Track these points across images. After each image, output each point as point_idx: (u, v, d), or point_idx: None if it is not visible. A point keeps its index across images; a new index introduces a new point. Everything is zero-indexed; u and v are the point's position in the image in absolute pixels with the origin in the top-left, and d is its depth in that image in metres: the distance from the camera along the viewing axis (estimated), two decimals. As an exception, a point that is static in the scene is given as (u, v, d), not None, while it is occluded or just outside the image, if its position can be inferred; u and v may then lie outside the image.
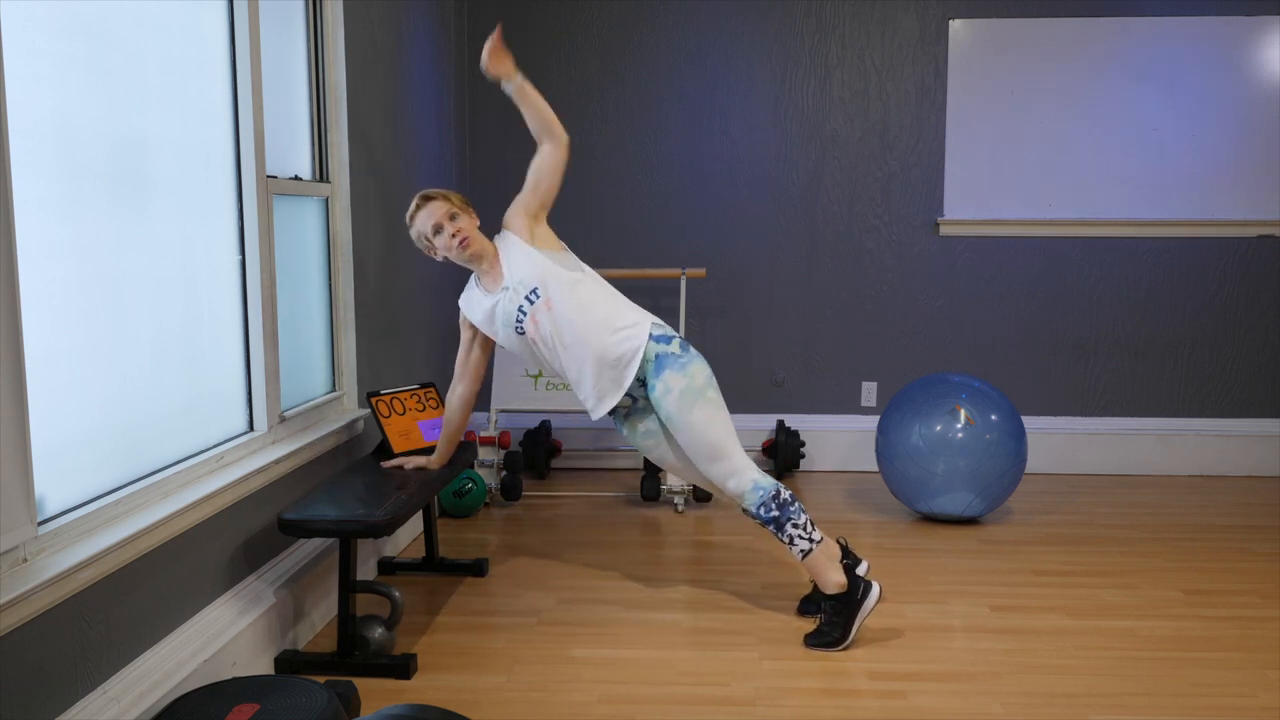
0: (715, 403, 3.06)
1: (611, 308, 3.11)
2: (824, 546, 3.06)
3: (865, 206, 5.06)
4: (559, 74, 5.05)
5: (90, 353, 2.28)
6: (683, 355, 3.07)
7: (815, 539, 3.04)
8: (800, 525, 3.03)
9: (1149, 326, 5.06)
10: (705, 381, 3.06)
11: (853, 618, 3.01)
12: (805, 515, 3.05)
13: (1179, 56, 4.87)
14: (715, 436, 3.05)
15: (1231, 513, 4.43)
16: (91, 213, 2.27)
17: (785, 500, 3.04)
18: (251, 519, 2.89)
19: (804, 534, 3.03)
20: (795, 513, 3.03)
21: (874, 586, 3.03)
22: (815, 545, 3.04)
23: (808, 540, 3.03)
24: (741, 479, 3.06)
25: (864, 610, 3.01)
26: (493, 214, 5.15)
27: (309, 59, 3.43)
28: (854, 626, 3.00)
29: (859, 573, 3.22)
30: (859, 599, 3.01)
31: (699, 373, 3.05)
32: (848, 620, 3.01)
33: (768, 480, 3.06)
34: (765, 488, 3.04)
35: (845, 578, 3.03)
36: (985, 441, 4.05)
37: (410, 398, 3.51)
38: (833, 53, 4.99)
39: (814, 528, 3.06)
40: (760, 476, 3.07)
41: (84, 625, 2.13)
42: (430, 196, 3.16)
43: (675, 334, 3.14)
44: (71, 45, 2.20)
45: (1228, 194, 4.93)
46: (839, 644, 3.00)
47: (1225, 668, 2.89)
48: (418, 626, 3.21)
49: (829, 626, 3.02)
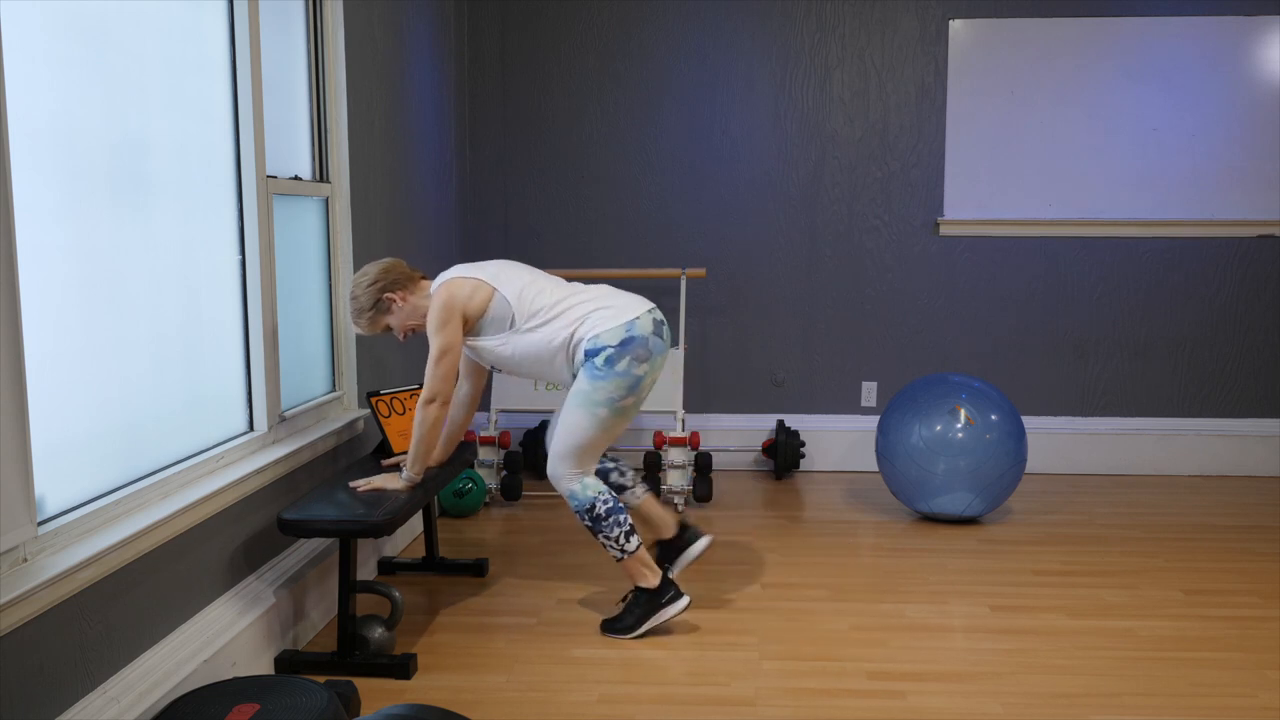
0: (599, 420, 3.05)
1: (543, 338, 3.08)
2: (638, 555, 3.12)
3: (865, 206, 5.06)
4: (559, 74, 5.05)
5: (90, 353, 2.28)
6: (601, 370, 3.02)
7: (628, 549, 3.10)
8: (613, 538, 3.10)
9: (1149, 326, 5.06)
10: (604, 399, 3.03)
11: (650, 615, 3.11)
12: (621, 528, 3.09)
13: (1178, 56, 4.87)
14: (572, 440, 3.08)
15: (1231, 513, 4.43)
16: (91, 213, 2.27)
17: (600, 515, 3.09)
18: (251, 519, 2.89)
19: (615, 545, 3.10)
20: (609, 526, 3.09)
21: (683, 599, 3.13)
22: (626, 555, 3.11)
23: (619, 550, 3.10)
24: (562, 484, 3.12)
25: (664, 614, 3.12)
26: (492, 214, 5.17)
27: (309, 59, 3.43)
28: (648, 623, 3.11)
29: (698, 548, 3.35)
30: (664, 602, 3.11)
31: (603, 389, 3.03)
32: (644, 615, 3.11)
33: (587, 494, 3.09)
34: (581, 500, 3.09)
35: (658, 581, 3.13)
36: (985, 441, 4.05)
37: (410, 398, 3.51)
38: (833, 53, 4.99)
39: (629, 538, 3.09)
40: (581, 489, 3.09)
41: (84, 625, 2.13)
42: (352, 324, 3.18)
43: (613, 342, 3.02)
44: (72, 46, 2.20)
45: (1228, 194, 4.93)
46: (627, 633, 3.11)
47: (1225, 668, 2.89)
48: (418, 626, 3.21)
49: (626, 614, 3.14)
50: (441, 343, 3.01)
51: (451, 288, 3.05)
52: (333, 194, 3.54)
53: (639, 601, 3.12)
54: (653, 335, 3.06)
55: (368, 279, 3.10)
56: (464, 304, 3.04)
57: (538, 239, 5.15)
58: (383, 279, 3.10)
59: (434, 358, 3.01)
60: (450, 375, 3.04)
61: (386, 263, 3.14)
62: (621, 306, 3.08)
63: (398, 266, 3.14)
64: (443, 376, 3.02)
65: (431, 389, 3.02)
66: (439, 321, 3.02)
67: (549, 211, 5.14)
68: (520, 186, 5.16)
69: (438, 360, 3.01)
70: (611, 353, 3.01)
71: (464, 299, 3.04)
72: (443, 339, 3.01)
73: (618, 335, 3.02)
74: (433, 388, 3.02)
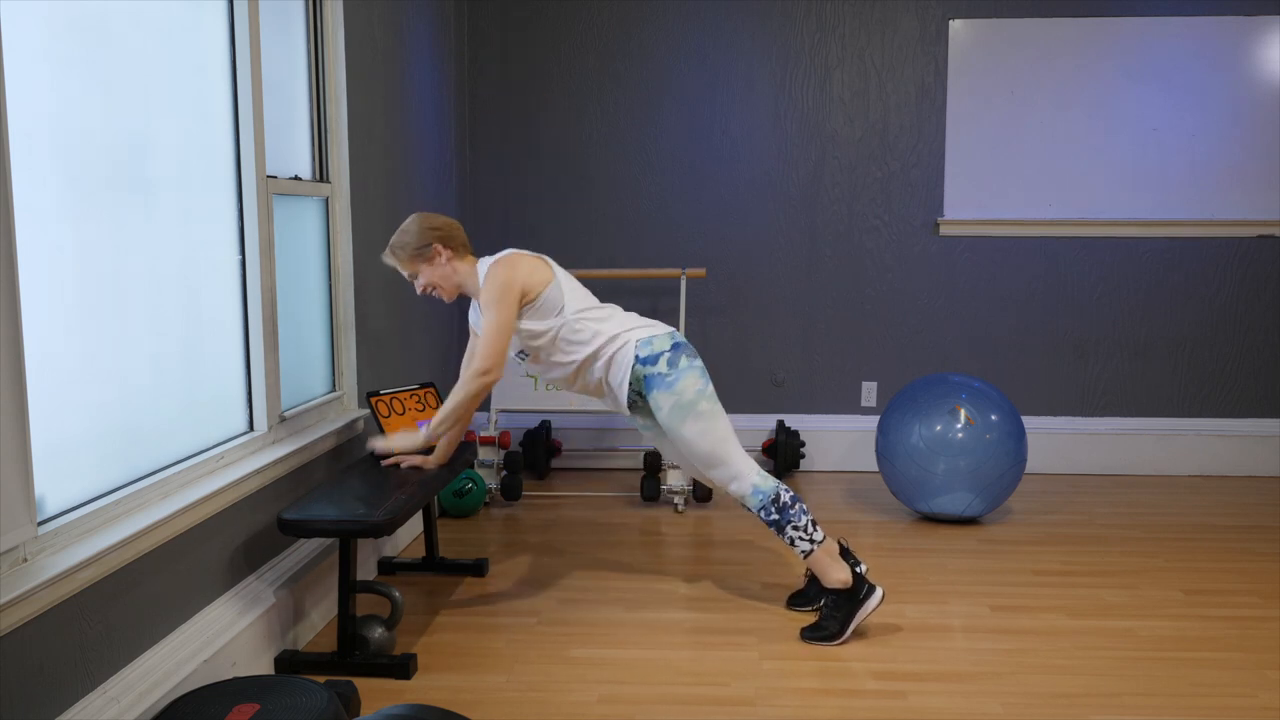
0: (709, 414, 3.08)
1: (587, 345, 3.10)
2: (826, 546, 3.09)
3: (865, 206, 5.06)
4: (559, 74, 5.05)
5: (90, 353, 2.28)
6: (669, 374, 3.07)
7: (816, 539, 3.07)
8: (800, 527, 3.07)
9: (1149, 326, 5.06)
10: (696, 395, 3.07)
11: (852, 615, 3.03)
12: (806, 517, 3.09)
13: (1178, 56, 4.87)
14: (709, 445, 3.09)
15: (1231, 513, 4.43)
16: (91, 212, 2.27)
17: (785, 504, 3.08)
18: (251, 519, 2.89)
19: (804, 535, 3.08)
20: (796, 515, 3.07)
21: (877, 590, 3.06)
22: (816, 546, 3.07)
23: (808, 541, 3.07)
24: (742, 484, 3.10)
25: (864, 610, 3.04)
26: (492, 214, 5.17)
27: (309, 59, 3.43)
28: (852, 624, 3.03)
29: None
30: (861, 598, 3.04)
31: (688, 388, 3.06)
32: (846, 617, 3.03)
33: (768, 483, 3.08)
34: (765, 491, 3.08)
35: (849, 575, 3.06)
36: (985, 441, 4.05)
37: (410, 398, 3.51)
38: (833, 53, 4.99)
39: (815, 528, 3.08)
40: (761, 480, 3.09)
41: (84, 625, 2.13)
42: (388, 251, 3.17)
43: (665, 347, 3.10)
44: (72, 46, 2.20)
45: (1228, 194, 4.94)
46: (835, 639, 3.03)
47: (1225, 668, 2.89)
48: (418, 626, 3.21)
49: (827, 620, 3.06)
50: (501, 317, 3.00)
51: (515, 261, 3.05)
52: (333, 194, 3.54)
53: (838, 605, 3.05)
54: (687, 344, 3.17)
55: (428, 223, 3.10)
56: (525, 279, 3.04)
57: (538, 239, 5.15)
58: (444, 229, 3.11)
59: (494, 330, 2.99)
60: (506, 350, 3.05)
61: (452, 221, 3.16)
62: (656, 324, 3.19)
63: (459, 230, 3.16)
64: (501, 350, 3.02)
65: (489, 359, 3.00)
66: (498, 293, 3.00)
67: (549, 211, 5.14)
68: (520, 186, 5.16)
69: (498, 333, 3.00)
70: (669, 355, 3.08)
71: (525, 273, 3.04)
72: (502, 313, 3.00)
73: (667, 341, 3.11)
74: (489, 359, 3.00)
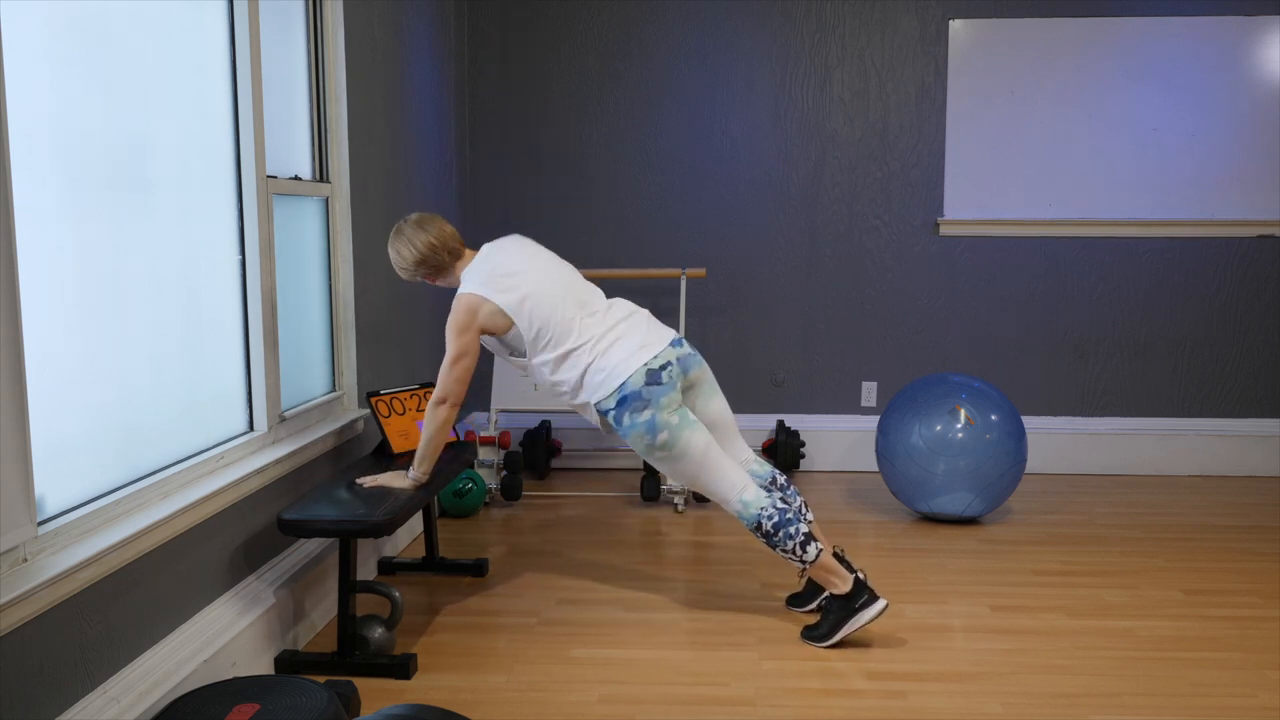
0: (671, 456, 3.05)
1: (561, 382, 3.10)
2: (821, 561, 3.06)
3: (865, 206, 5.06)
4: (559, 74, 5.05)
5: (90, 353, 2.28)
6: (623, 427, 3.04)
7: (807, 559, 3.06)
8: (789, 550, 3.06)
9: (1149, 326, 5.06)
10: (646, 448, 3.05)
11: (844, 621, 3.02)
12: (795, 539, 3.05)
13: (1178, 56, 4.87)
14: (686, 480, 3.12)
15: (1231, 513, 4.43)
16: (91, 212, 2.27)
17: (769, 531, 3.07)
18: (251, 519, 2.89)
19: (794, 557, 3.07)
20: (782, 540, 3.06)
21: (879, 601, 3.02)
22: (807, 566, 3.06)
23: (799, 562, 3.07)
24: (729, 507, 3.12)
25: (860, 619, 3.01)
26: (492, 214, 5.17)
27: (309, 59, 3.43)
28: (843, 630, 3.02)
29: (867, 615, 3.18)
30: (857, 607, 3.02)
31: (638, 442, 3.05)
32: (838, 621, 3.03)
33: (750, 510, 3.07)
34: (748, 519, 3.08)
35: (849, 584, 3.04)
36: (985, 441, 4.05)
37: (410, 398, 3.51)
38: (833, 53, 4.99)
39: (806, 547, 3.05)
40: (743, 506, 3.08)
41: (84, 625, 2.13)
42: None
43: (611, 405, 3.03)
44: (72, 46, 2.20)
45: (1228, 194, 4.94)
46: (822, 641, 3.04)
47: (1225, 668, 2.89)
48: (418, 626, 3.21)
49: (821, 621, 3.07)
50: (459, 347, 3.02)
51: (474, 304, 3.03)
52: (333, 194, 3.54)
53: (832, 608, 3.05)
54: (646, 386, 3.01)
55: (415, 254, 3.09)
56: (484, 321, 3.05)
57: (538, 239, 5.14)
58: (428, 259, 3.10)
59: (449, 360, 3.02)
60: (465, 379, 3.04)
61: (435, 240, 3.10)
62: (618, 363, 3.03)
63: (444, 247, 3.11)
64: (457, 379, 3.03)
65: (443, 389, 3.03)
66: (459, 327, 3.02)
67: (549, 211, 5.14)
68: (520, 186, 5.16)
69: (453, 363, 3.01)
70: (614, 412, 3.04)
71: (485, 316, 3.04)
72: (460, 344, 3.01)
73: (614, 399, 3.03)
74: (445, 389, 3.03)
